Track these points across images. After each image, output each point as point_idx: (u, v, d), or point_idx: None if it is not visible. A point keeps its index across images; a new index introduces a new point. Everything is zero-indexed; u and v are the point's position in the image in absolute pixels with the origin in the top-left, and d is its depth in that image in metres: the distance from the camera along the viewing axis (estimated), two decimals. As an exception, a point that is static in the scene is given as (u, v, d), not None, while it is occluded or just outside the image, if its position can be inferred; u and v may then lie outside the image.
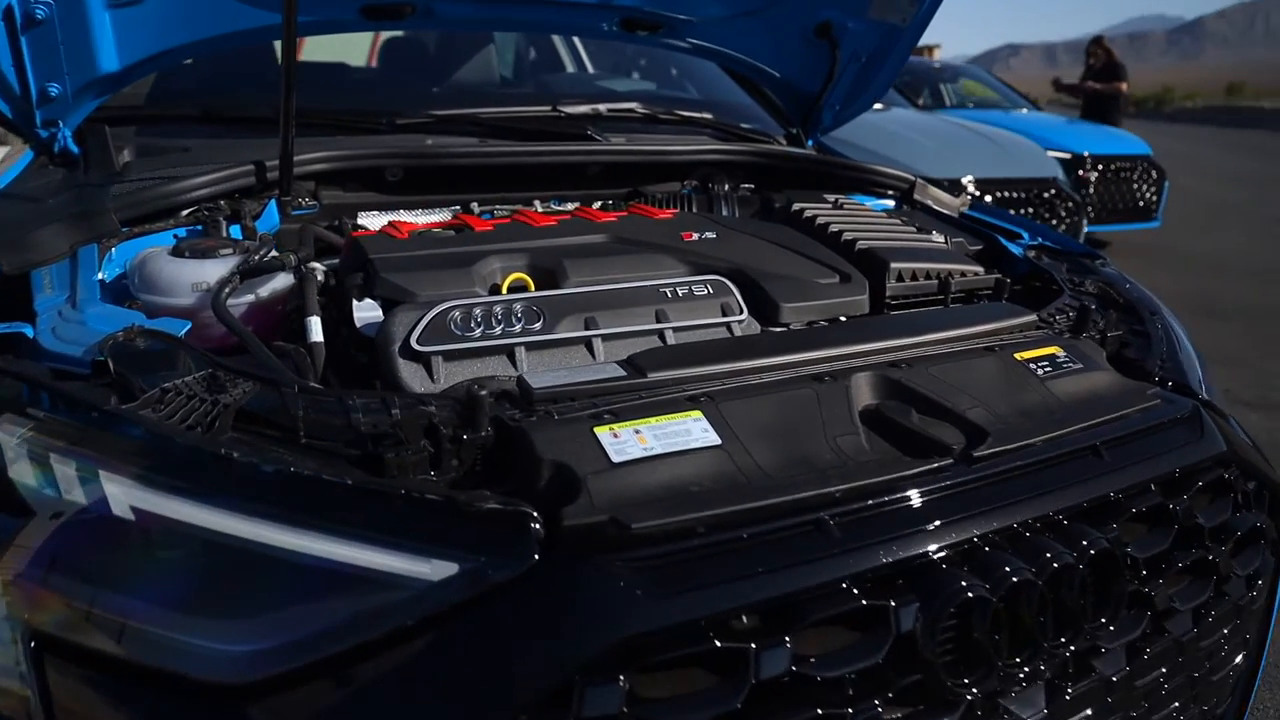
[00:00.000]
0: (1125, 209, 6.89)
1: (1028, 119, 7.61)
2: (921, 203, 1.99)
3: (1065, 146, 6.69)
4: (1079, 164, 6.62)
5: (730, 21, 2.00)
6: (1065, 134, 7.18)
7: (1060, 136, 6.96)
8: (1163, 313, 1.49)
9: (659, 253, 1.32)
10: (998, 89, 8.81)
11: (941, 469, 0.93)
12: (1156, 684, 1.06)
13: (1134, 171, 6.92)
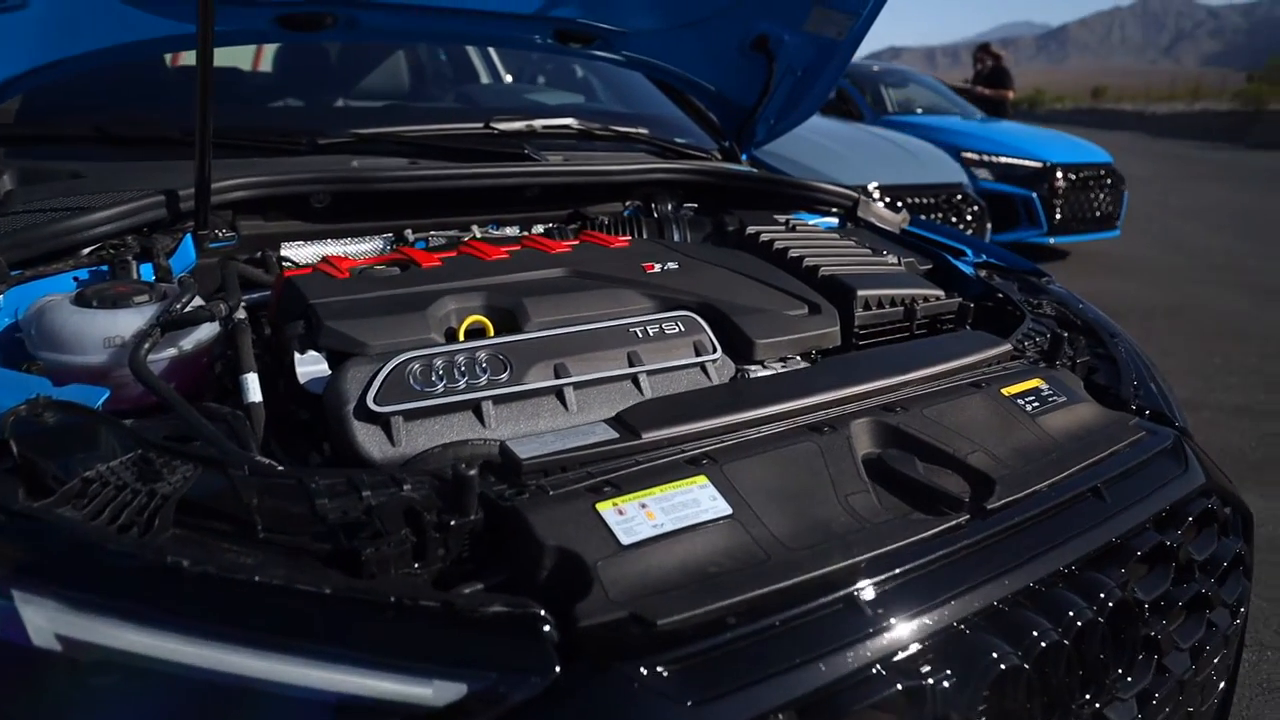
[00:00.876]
0: (1091, 219, 6.88)
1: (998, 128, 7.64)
2: (865, 220, 1.96)
3: (1036, 155, 6.75)
4: (1050, 174, 6.64)
5: (665, 34, 1.93)
6: (1034, 142, 7.16)
7: (1030, 145, 6.99)
8: (1123, 335, 1.49)
9: (622, 287, 1.24)
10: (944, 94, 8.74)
11: (958, 527, 0.87)
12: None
13: (1099, 181, 6.95)
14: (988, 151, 6.81)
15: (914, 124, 7.38)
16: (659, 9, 1.83)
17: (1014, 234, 6.59)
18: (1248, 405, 3.90)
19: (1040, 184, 6.64)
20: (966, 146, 6.79)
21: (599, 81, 2.72)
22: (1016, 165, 6.74)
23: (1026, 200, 6.66)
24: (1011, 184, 6.61)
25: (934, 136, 6.88)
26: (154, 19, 1.39)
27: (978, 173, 6.60)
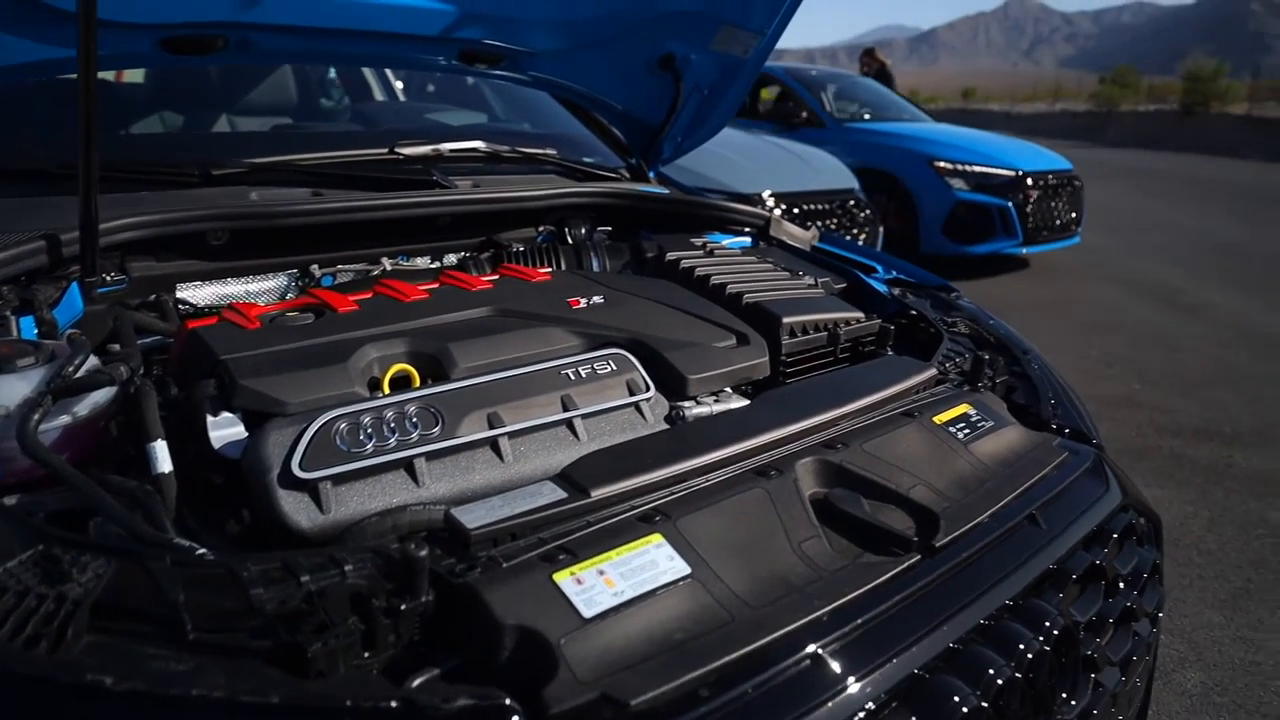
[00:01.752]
0: (1056, 227, 6.77)
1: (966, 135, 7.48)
2: (778, 239, 1.98)
3: (1008, 164, 6.65)
4: (1022, 182, 6.55)
5: (572, 54, 1.89)
6: (1003, 150, 7.01)
7: (1000, 153, 6.87)
8: (1034, 351, 1.53)
9: (548, 325, 1.20)
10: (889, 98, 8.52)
11: (910, 568, 0.87)
12: (1098, 743, 1.07)
13: (1063, 188, 6.87)
14: (961, 161, 6.65)
15: (881, 131, 7.29)
16: (565, 29, 1.80)
17: (990, 245, 6.53)
18: (1127, 396, 4.12)
19: (1014, 193, 6.54)
20: (940, 156, 6.65)
21: (499, 97, 2.66)
22: (991, 174, 6.61)
23: (1003, 210, 6.52)
24: (987, 194, 6.50)
25: (906, 146, 6.85)
26: (26, 44, 1.27)
27: (952, 183, 6.52)
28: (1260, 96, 29.40)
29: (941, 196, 6.50)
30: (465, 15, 1.62)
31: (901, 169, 6.70)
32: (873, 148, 6.96)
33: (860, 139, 7.15)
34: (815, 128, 7.31)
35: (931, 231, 6.52)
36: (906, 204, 6.62)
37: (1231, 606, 2.41)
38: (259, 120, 2.26)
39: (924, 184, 6.57)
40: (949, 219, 6.47)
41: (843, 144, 7.00)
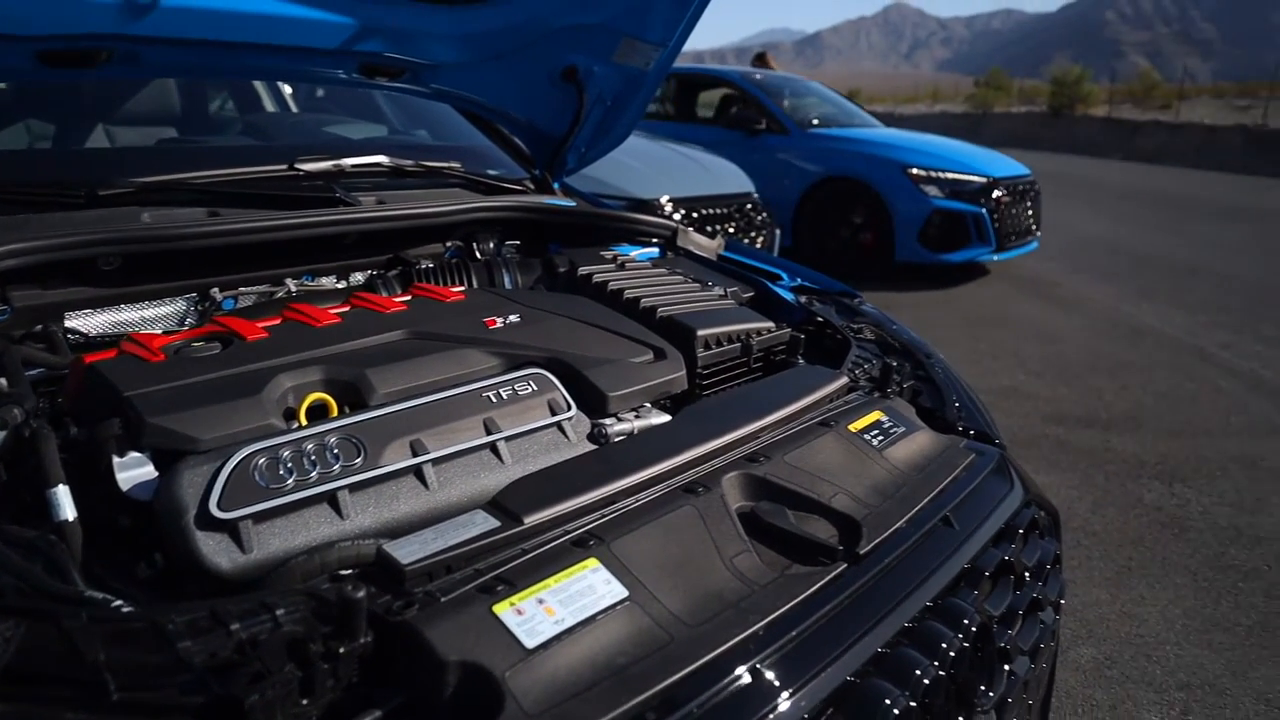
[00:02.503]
0: (1020, 232, 6.76)
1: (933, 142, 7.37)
2: (685, 249, 2.00)
3: (978, 170, 6.58)
4: (992, 189, 6.48)
5: (474, 66, 1.87)
6: (971, 156, 6.91)
7: (969, 159, 6.77)
8: (937, 355, 1.59)
9: (466, 346, 1.19)
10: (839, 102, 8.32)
11: (838, 577, 0.90)
12: (1012, 729, 1.12)
13: (1026, 194, 6.89)
14: (935, 168, 6.53)
15: (849, 138, 7.11)
16: (467, 42, 1.78)
17: (966, 252, 6.46)
18: (1013, 387, 4.32)
19: (986, 200, 6.46)
20: (913, 163, 6.54)
21: (396, 107, 2.61)
22: (963, 181, 6.51)
23: (977, 217, 6.45)
24: (961, 201, 6.40)
25: (878, 153, 6.71)
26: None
27: (927, 190, 6.41)
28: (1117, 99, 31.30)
29: (918, 204, 6.41)
30: (365, 28, 1.59)
31: (875, 176, 6.57)
32: (843, 155, 6.85)
33: (828, 145, 7.01)
34: (778, 134, 7.16)
35: (908, 240, 6.42)
36: (880, 212, 6.52)
37: (1116, 584, 2.57)
38: (140, 132, 2.15)
39: (899, 192, 6.47)
40: (925, 227, 6.39)
41: (809, 151, 6.98)
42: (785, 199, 6.84)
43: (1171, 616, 2.41)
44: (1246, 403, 4.18)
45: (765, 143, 7.15)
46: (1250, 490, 3.23)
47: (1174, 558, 2.73)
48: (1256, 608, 2.47)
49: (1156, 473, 3.36)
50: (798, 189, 6.91)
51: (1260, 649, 2.28)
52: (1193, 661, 2.22)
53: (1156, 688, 2.12)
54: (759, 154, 7.03)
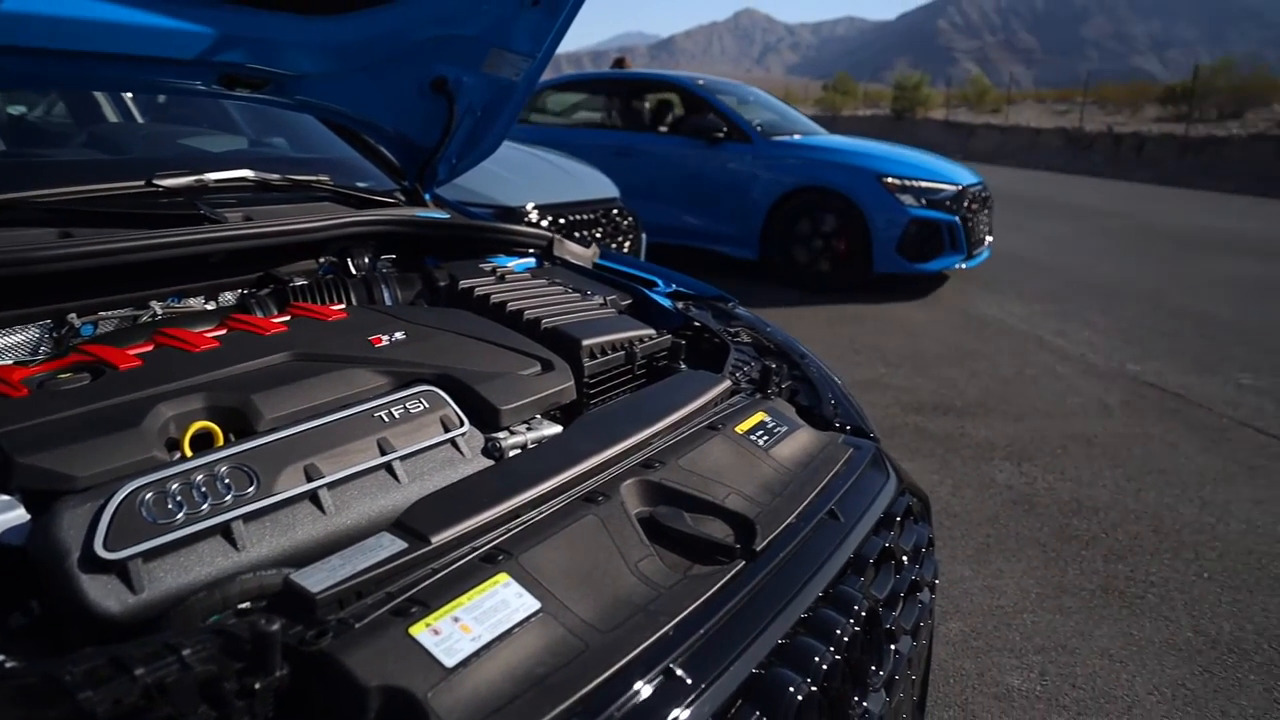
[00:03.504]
0: (978, 239, 6.70)
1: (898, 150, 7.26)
2: (561, 258, 2.02)
3: (947, 178, 6.54)
4: (962, 197, 6.47)
5: (342, 77, 1.83)
6: (938, 164, 6.87)
7: (937, 167, 6.73)
8: (810, 355, 1.67)
9: (353, 367, 1.17)
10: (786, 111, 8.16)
11: (738, 575, 0.94)
12: (900, 703, 1.19)
13: (986, 201, 6.90)
14: (908, 176, 6.42)
15: (817, 147, 6.98)
16: (333, 53, 1.74)
17: (940, 261, 6.41)
18: (875, 379, 4.54)
19: (958, 208, 6.44)
20: (887, 172, 6.40)
21: (254, 117, 2.52)
22: (936, 189, 6.43)
23: (951, 226, 6.40)
24: (935, 209, 6.34)
25: (851, 162, 6.54)
26: None
27: (902, 199, 6.30)
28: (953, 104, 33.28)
29: (895, 214, 6.29)
30: (225, 38, 1.53)
31: (851, 187, 6.41)
32: (815, 164, 6.66)
33: (797, 155, 6.84)
34: (740, 143, 6.94)
35: (885, 250, 6.32)
36: (856, 223, 6.38)
37: (977, 560, 2.74)
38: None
39: (876, 202, 6.33)
40: (903, 237, 6.29)
41: (777, 160, 6.77)
42: (752, 210, 6.76)
43: (1026, 586, 2.60)
44: (1079, 385, 4.53)
45: (727, 152, 6.94)
46: (1087, 466, 3.50)
47: (1026, 532, 2.94)
48: (1098, 572, 2.69)
49: (1006, 454, 3.60)
50: (767, 200, 6.72)
51: (1102, 609, 2.48)
52: (1047, 626, 2.40)
53: (1017, 653, 2.28)
54: (720, 163, 6.93)
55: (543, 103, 8.41)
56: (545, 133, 7.90)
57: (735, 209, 6.87)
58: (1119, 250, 8.37)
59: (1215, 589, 2.60)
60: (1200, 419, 4.06)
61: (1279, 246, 9.05)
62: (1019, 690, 2.14)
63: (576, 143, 7.52)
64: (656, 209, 7.05)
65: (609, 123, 7.94)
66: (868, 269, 6.42)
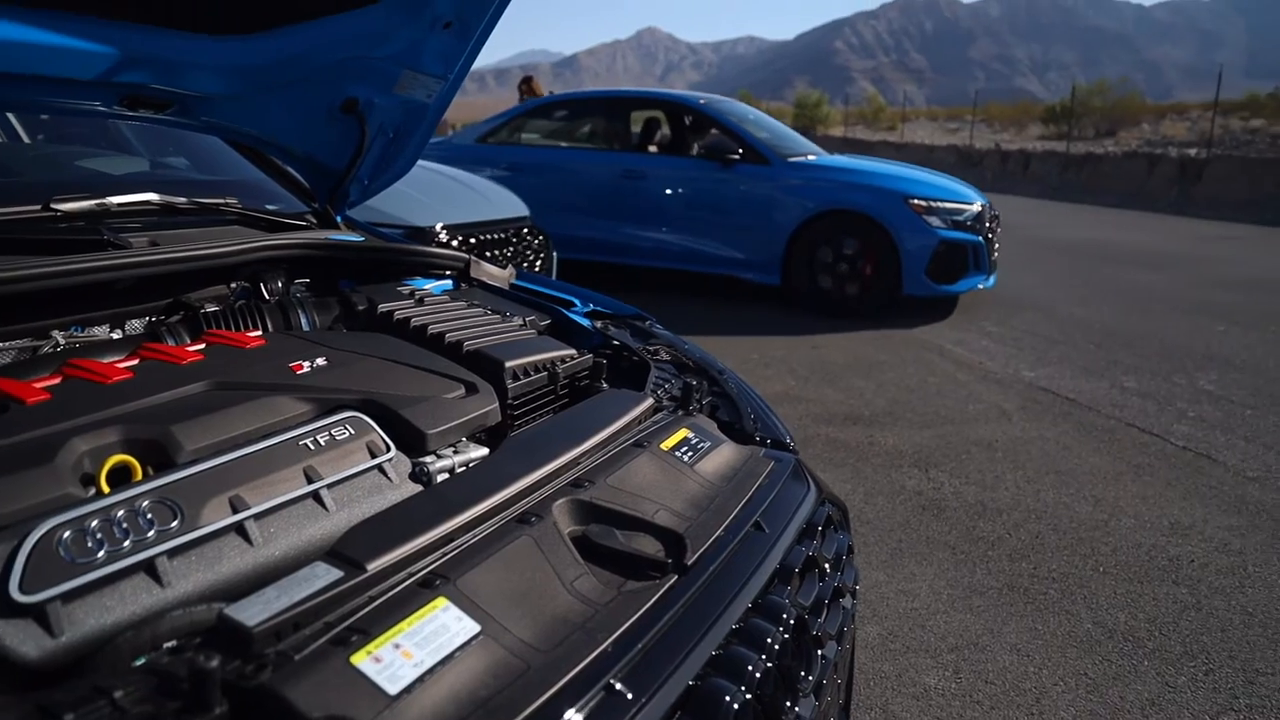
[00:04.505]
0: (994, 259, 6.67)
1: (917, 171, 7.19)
2: (478, 280, 2.02)
3: (967, 198, 6.49)
4: (982, 216, 6.44)
5: (250, 98, 1.80)
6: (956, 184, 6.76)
7: (957, 187, 6.66)
8: (729, 371, 1.71)
9: (275, 394, 1.15)
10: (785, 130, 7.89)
11: (671, 589, 0.96)
12: (828, 706, 1.23)
13: (997, 220, 6.83)
14: (933, 198, 6.33)
15: (838, 168, 6.80)
16: (241, 74, 1.70)
17: (967, 282, 6.37)
18: (785, 392, 4.64)
19: (980, 228, 6.41)
20: (912, 193, 6.32)
21: (154, 138, 2.44)
22: (959, 210, 6.37)
23: (977, 247, 6.36)
24: (961, 230, 6.29)
25: (876, 183, 6.43)
26: None
27: (930, 220, 6.22)
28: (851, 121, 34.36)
29: (924, 236, 6.20)
30: (128, 58, 1.49)
31: (878, 209, 6.28)
32: (839, 186, 6.49)
33: (820, 177, 6.63)
34: (757, 165, 6.73)
35: (915, 273, 6.22)
36: (883, 246, 6.27)
37: (891, 565, 2.83)
38: None
39: (904, 224, 6.22)
40: (932, 259, 6.21)
41: (798, 183, 6.58)
42: (774, 234, 6.58)
43: (938, 588, 2.69)
44: (980, 393, 4.72)
45: (743, 174, 6.72)
46: (990, 470, 3.66)
47: (935, 535, 3.05)
48: (1004, 571, 2.81)
49: (914, 461, 3.73)
50: (790, 224, 6.53)
51: (1010, 607, 2.59)
52: (959, 626, 2.49)
53: (932, 653, 2.36)
54: (736, 186, 6.73)
55: (539, 123, 8.21)
56: (545, 154, 7.77)
57: (755, 233, 6.65)
58: (1011, 262, 8.74)
59: (1110, 582, 2.75)
60: (1091, 421, 4.28)
61: (1158, 257, 9.62)
62: (936, 689, 2.22)
63: (580, 165, 7.47)
64: (669, 235, 7.03)
65: (614, 144, 7.68)
66: (896, 292, 6.30)
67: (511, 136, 8.01)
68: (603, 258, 7.33)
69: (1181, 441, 4.00)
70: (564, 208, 7.26)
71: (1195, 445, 3.95)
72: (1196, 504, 3.34)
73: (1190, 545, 3.00)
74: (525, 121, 8.10)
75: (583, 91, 8.69)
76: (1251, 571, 2.82)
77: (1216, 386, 4.83)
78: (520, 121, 8.10)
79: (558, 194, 7.31)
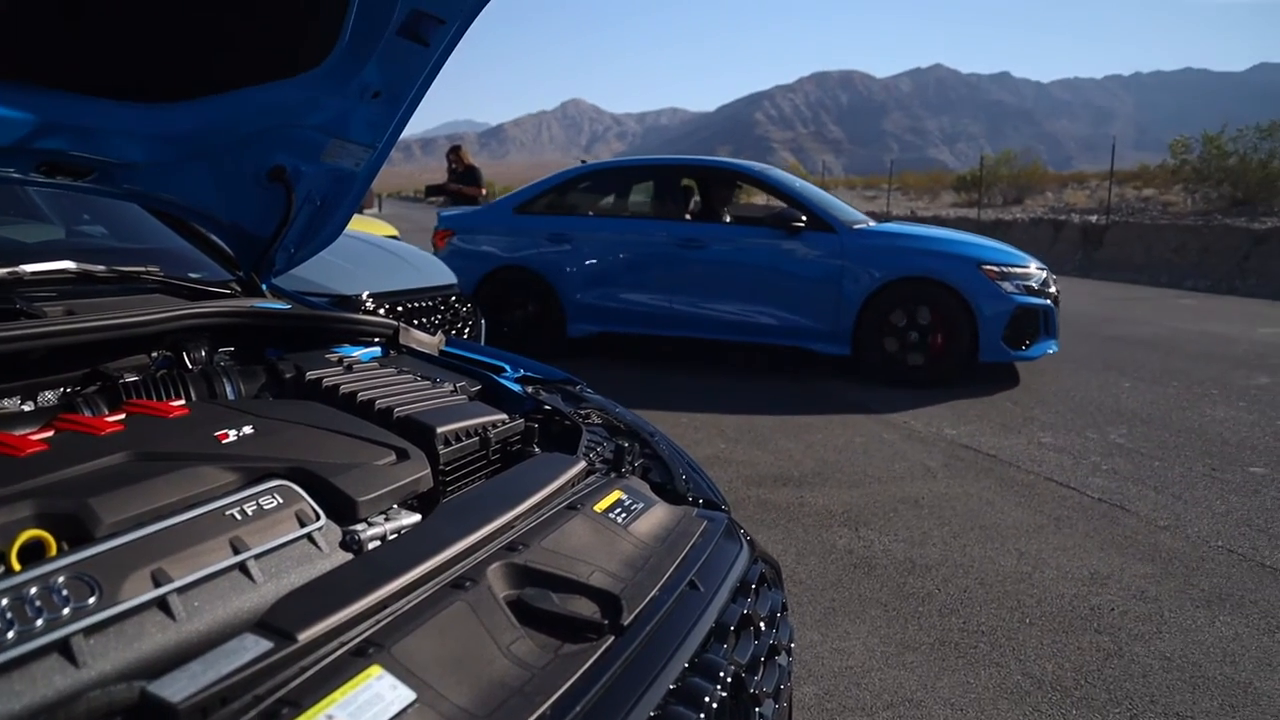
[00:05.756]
0: None
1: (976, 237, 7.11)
2: (407, 346, 2.01)
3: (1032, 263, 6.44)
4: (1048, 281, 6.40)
5: (174, 166, 1.79)
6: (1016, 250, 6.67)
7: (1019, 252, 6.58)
8: (659, 433, 1.72)
9: (199, 464, 1.12)
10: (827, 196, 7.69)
11: (609, 650, 0.96)
12: (765, 770, 1.22)
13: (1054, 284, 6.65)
14: (1003, 263, 6.29)
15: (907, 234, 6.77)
16: (164, 142, 1.69)
17: (1038, 348, 6.30)
18: (716, 455, 4.67)
19: (1046, 292, 6.35)
20: (985, 259, 6.27)
21: (70, 205, 2.39)
22: (1028, 275, 6.33)
23: (1048, 311, 6.31)
24: (1032, 295, 6.23)
25: (949, 250, 6.41)
26: None
27: (1003, 285, 6.16)
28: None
29: (1001, 302, 6.12)
30: (46, 125, 1.47)
31: (955, 276, 6.20)
32: (912, 254, 6.42)
33: (887, 244, 6.55)
34: (823, 232, 6.60)
35: (992, 340, 6.13)
36: (958, 313, 6.17)
37: (825, 624, 2.84)
38: None
39: (981, 290, 6.14)
40: (1009, 325, 6.14)
41: (868, 251, 6.48)
42: (844, 303, 6.44)
43: (871, 645, 2.71)
44: (905, 451, 4.82)
45: (809, 242, 6.61)
46: (917, 526, 3.72)
47: (867, 593, 3.08)
48: (935, 626, 2.84)
49: (844, 520, 3.78)
50: (861, 292, 6.39)
51: (942, 662, 2.62)
52: (893, 682, 2.50)
53: (868, 711, 2.37)
54: (803, 254, 6.62)
55: (581, 192, 7.92)
56: (593, 223, 7.50)
57: (823, 302, 6.51)
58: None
59: (1037, 633, 2.81)
60: (1012, 476, 4.40)
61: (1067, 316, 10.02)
62: (871, 748, 2.22)
63: (632, 234, 7.22)
64: (729, 306, 6.83)
65: (667, 212, 7.45)
66: (971, 359, 6.22)
67: (553, 206, 7.70)
68: (656, 331, 7.11)
69: (1097, 494, 4.14)
70: (614, 279, 7.12)
71: (1110, 497, 4.09)
72: (1114, 553, 3.44)
73: (1110, 594, 3.09)
74: (566, 190, 7.82)
75: (630, 159, 8.50)
76: (1168, 617, 2.92)
77: (1126, 440, 5.03)
78: (561, 190, 7.81)
79: (608, 265, 7.15)
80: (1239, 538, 3.61)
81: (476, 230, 7.64)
